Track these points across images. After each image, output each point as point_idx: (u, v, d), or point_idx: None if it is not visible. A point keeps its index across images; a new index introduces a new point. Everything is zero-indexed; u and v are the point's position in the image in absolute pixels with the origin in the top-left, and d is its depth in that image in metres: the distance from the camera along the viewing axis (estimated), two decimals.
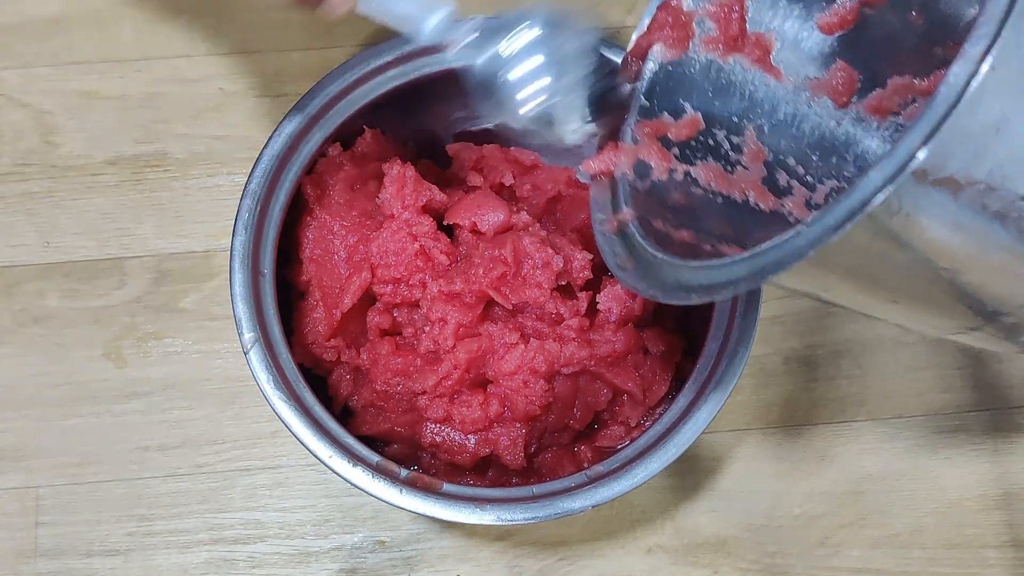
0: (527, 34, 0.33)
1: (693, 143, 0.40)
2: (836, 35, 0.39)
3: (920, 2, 0.39)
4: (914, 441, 0.54)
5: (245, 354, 0.43)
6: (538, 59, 0.33)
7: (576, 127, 0.36)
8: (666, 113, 0.40)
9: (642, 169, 0.39)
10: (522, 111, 0.35)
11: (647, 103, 0.40)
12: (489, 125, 0.54)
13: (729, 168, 0.40)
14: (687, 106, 0.40)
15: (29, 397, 0.53)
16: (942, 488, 0.53)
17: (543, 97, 0.34)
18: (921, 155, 0.26)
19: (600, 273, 0.49)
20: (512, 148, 0.52)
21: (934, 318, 0.35)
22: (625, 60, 0.40)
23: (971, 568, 0.52)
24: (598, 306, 0.47)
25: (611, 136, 0.40)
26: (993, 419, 0.54)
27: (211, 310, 0.54)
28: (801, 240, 0.29)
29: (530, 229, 0.47)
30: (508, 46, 0.33)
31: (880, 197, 0.26)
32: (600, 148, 0.40)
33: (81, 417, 0.53)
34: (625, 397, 0.48)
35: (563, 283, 0.46)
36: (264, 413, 0.52)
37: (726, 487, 0.53)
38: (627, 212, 0.38)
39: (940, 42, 0.39)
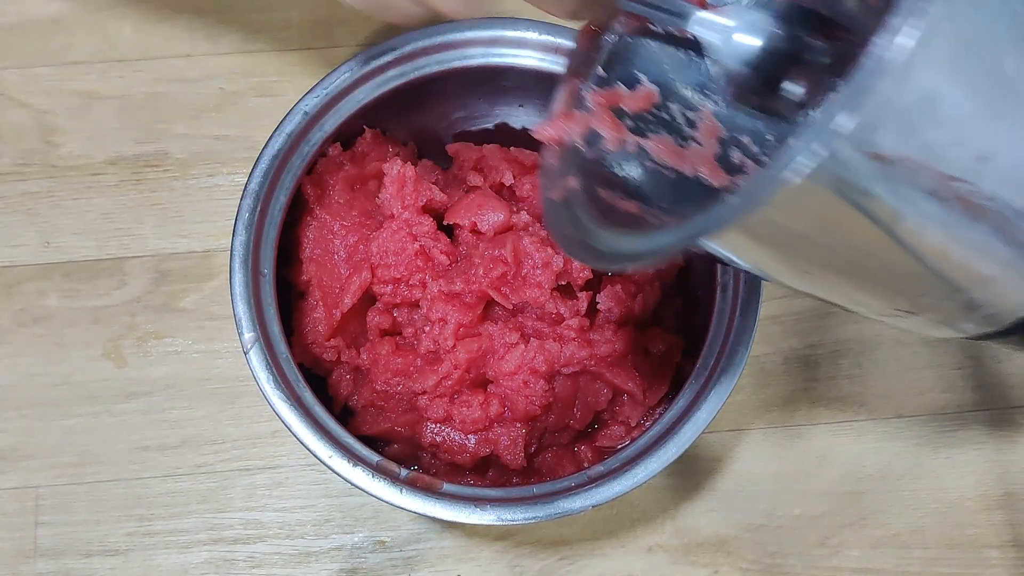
0: None
1: (648, 116, 0.40)
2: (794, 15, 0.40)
3: None
4: (914, 441, 0.54)
5: (245, 354, 0.43)
6: None
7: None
8: (621, 84, 0.40)
9: (593, 138, 0.39)
10: None
11: (604, 73, 0.40)
12: (489, 125, 0.54)
13: (682, 143, 0.40)
14: (643, 78, 0.40)
15: (29, 397, 0.53)
16: (942, 488, 0.53)
17: None
18: (841, 125, 0.25)
19: (600, 273, 0.49)
20: (512, 148, 0.52)
21: (868, 299, 0.35)
22: (585, 28, 0.41)
23: (972, 568, 0.52)
24: (598, 306, 0.47)
25: (567, 103, 0.41)
26: (993, 419, 0.54)
27: (211, 310, 0.54)
28: (724, 211, 0.28)
29: (530, 229, 0.47)
30: None
31: (792, 173, 0.26)
32: (554, 115, 0.40)
33: (81, 417, 0.53)
34: (625, 397, 0.48)
35: (563, 283, 0.46)
36: (264, 413, 0.52)
37: (726, 487, 0.53)
38: (572, 180, 0.38)
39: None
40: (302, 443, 0.42)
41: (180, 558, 0.51)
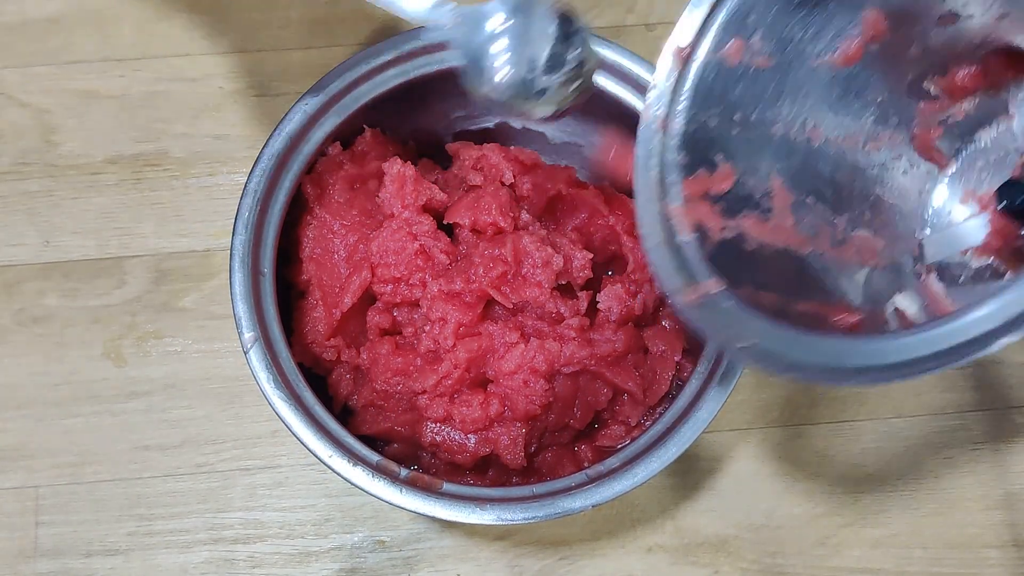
0: (498, 17, 0.38)
1: (730, 195, 0.40)
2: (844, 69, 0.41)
3: (920, 42, 0.40)
4: (914, 441, 0.54)
5: (245, 354, 0.43)
6: (504, 40, 0.38)
7: (545, 99, 0.39)
8: (702, 169, 0.40)
9: (702, 232, 0.39)
10: (496, 78, 0.39)
11: (687, 159, 0.40)
12: (489, 124, 0.54)
13: (763, 216, 0.41)
14: (719, 158, 0.40)
15: (29, 397, 0.53)
16: (942, 488, 0.53)
17: (508, 67, 0.38)
18: None
19: (600, 272, 0.49)
20: (512, 147, 0.52)
21: None
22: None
23: (972, 568, 0.52)
24: (598, 305, 0.47)
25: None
26: (993, 419, 0.54)
27: (211, 309, 0.54)
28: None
29: (530, 228, 0.47)
30: (485, 28, 0.38)
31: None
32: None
33: (81, 416, 0.53)
34: (625, 396, 0.48)
35: (563, 282, 0.46)
36: (264, 413, 0.52)
37: (726, 487, 0.53)
38: (711, 282, 0.37)
39: (930, 75, 0.41)
40: (302, 443, 0.42)
41: (180, 558, 0.51)
